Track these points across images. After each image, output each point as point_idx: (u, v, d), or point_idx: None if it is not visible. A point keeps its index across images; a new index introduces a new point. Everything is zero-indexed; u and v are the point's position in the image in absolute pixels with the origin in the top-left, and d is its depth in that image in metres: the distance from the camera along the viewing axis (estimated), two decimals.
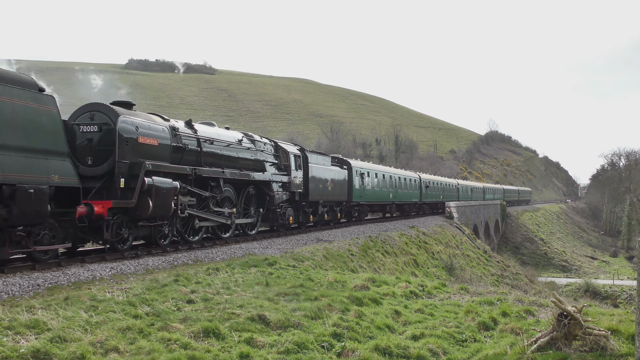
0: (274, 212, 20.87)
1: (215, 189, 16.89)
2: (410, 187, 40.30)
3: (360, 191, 29.72)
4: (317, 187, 24.09)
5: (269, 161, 20.62)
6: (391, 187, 35.78)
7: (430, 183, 45.59)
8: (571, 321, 7.14)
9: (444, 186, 51.26)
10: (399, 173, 39.01)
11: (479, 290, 13.27)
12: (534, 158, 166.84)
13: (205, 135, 16.81)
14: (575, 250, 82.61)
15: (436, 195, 47.97)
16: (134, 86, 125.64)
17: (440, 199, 49.08)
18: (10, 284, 9.72)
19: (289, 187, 21.58)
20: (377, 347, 7.83)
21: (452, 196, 53.12)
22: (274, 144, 21.92)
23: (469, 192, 61.35)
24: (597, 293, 46.37)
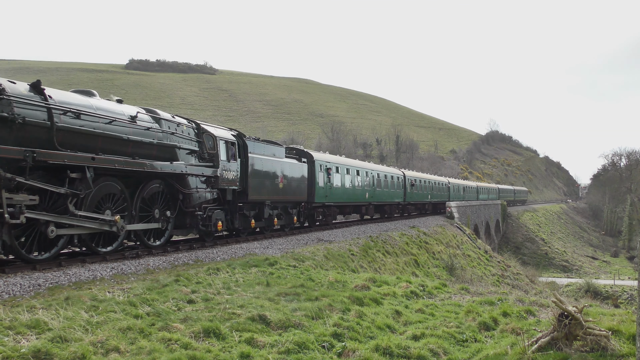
0: (192, 215, 16.08)
1: (78, 182, 12.03)
2: (392, 186, 35.92)
3: (326, 190, 25.40)
4: (262, 183, 19.68)
5: (184, 148, 15.69)
6: (368, 185, 31.38)
7: (416, 181, 41.20)
8: (572, 321, 7.14)
9: (433, 185, 47.00)
10: (378, 169, 34.51)
11: (479, 291, 13.27)
12: (535, 158, 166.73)
13: (64, 105, 11.86)
14: (576, 250, 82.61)
15: (423, 195, 43.76)
16: (135, 86, 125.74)
17: (428, 199, 45.37)
18: (11, 283, 9.73)
19: (216, 182, 16.93)
20: (377, 347, 7.84)
21: (442, 196, 49.72)
22: (196, 126, 17.00)
23: (461, 192, 57.70)
24: (598, 293, 46.35)
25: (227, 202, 17.96)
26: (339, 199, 27.26)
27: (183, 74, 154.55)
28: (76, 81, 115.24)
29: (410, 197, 40.00)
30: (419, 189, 41.96)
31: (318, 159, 24.84)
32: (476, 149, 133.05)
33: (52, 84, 13.96)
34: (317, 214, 25.84)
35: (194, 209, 15.97)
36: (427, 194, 44.48)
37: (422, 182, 43.24)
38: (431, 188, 46.05)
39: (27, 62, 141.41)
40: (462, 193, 57.34)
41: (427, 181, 45.13)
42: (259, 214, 20.11)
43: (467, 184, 63.60)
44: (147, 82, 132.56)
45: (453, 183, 54.99)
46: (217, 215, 17.06)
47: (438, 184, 48.92)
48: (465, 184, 61.81)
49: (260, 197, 19.61)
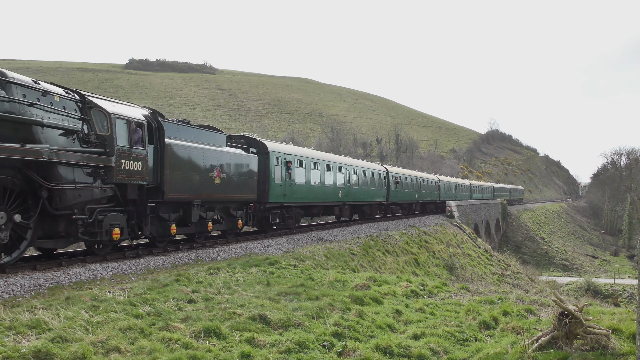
0: (68, 220, 11.85)
1: None
2: (372, 183, 31.94)
3: (285, 187, 21.36)
4: (188, 178, 15.35)
5: (54, 126, 11.44)
6: (342, 182, 27.29)
7: (401, 178, 37.21)
8: (572, 320, 7.14)
9: (421, 183, 42.92)
10: (354, 164, 30.19)
11: (479, 290, 13.27)
12: (535, 157, 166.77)
13: None
14: (576, 249, 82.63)
15: (409, 194, 39.60)
16: (135, 86, 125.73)
17: (416, 198, 41.26)
18: (11, 283, 9.73)
19: (110, 175, 12.67)
20: (378, 346, 7.84)
21: (431, 195, 45.94)
22: (80, 99, 12.83)
23: (453, 190, 53.88)
24: (598, 292, 46.38)
25: (131, 202, 13.62)
26: (302, 199, 23.00)
27: (183, 74, 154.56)
28: (76, 81, 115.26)
29: (395, 196, 36.07)
30: (404, 187, 38.08)
31: (274, 150, 20.78)
32: (476, 148, 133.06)
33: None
34: (272, 217, 21.30)
35: (70, 211, 11.62)
36: (414, 193, 40.56)
37: (408, 179, 39.22)
38: (419, 186, 42.01)
39: (27, 62, 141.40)
40: (454, 192, 53.82)
41: (414, 179, 41.05)
42: (185, 217, 15.85)
43: (460, 182, 59.55)
44: (147, 82, 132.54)
45: (444, 181, 51.37)
46: (111, 220, 12.73)
47: (427, 182, 44.85)
48: (457, 182, 57.77)
49: (184, 195, 15.27)
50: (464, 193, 58.73)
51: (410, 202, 41.12)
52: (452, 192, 52.88)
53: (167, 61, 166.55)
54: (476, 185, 67.59)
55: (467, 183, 61.89)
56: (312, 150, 26.53)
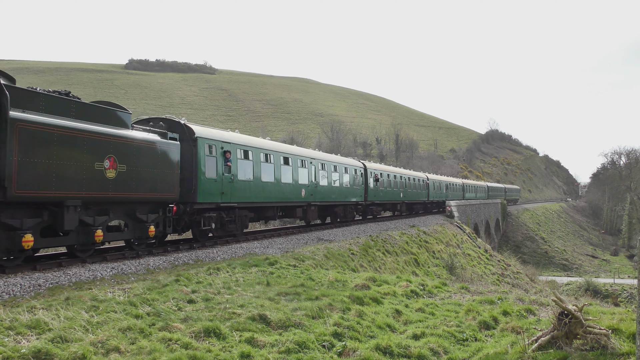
0: None
1: None
2: (346, 181, 27.81)
3: (223, 184, 17.26)
4: (54, 168, 11.45)
5: None
6: (305, 179, 23.29)
7: (382, 175, 33.42)
8: (572, 320, 7.14)
9: (406, 181, 38.77)
10: (321, 158, 25.75)
11: (479, 290, 13.27)
12: (535, 157, 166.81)
13: None
14: (575, 249, 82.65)
15: (392, 194, 35.23)
16: (134, 86, 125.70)
17: (400, 198, 36.80)
18: (11, 284, 9.73)
19: None
20: (378, 346, 7.84)
21: (418, 194, 42.08)
22: None
23: (443, 190, 50.25)
24: (598, 292, 46.39)
25: None
26: (249, 198, 18.92)
27: (183, 74, 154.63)
28: (76, 81, 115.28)
29: (375, 195, 31.91)
30: (386, 186, 34.03)
31: (205, 137, 16.72)
32: (476, 148, 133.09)
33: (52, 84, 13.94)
34: (206, 221, 17.04)
35: None
36: (398, 192, 36.18)
37: (391, 177, 34.90)
38: (404, 185, 37.70)
39: (27, 63, 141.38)
40: (444, 191, 50.21)
41: (398, 176, 36.75)
42: (57, 223, 11.77)
43: (451, 181, 55.25)
44: (147, 82, 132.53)
45: (433, 180, 47.24)
46: None
47: (413, 181, 40.53)
48: (448, 180, 53.71)
49: (49, 192, 11.20)
50: (456, 193, 55.32)
51: (394, 203, 36.66)
52: (442, 192, 49.34)
53: (167, 61, 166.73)
54: (469, 184, 63.83)
55: (459, 182, 57.98)
56: (259, 139, 21.32)
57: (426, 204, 45.81)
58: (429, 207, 47.24)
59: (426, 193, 44.14)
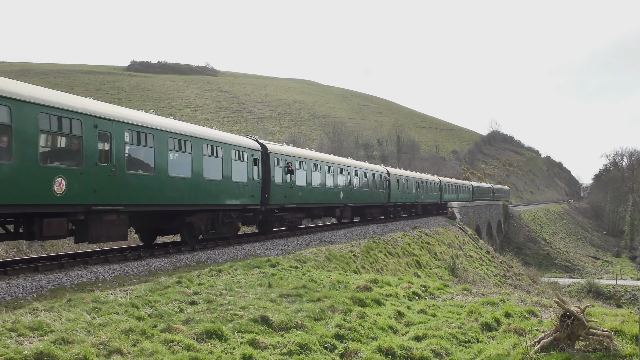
0: None
1: None
2: (228, 173, 17.87)
3: None
4: None
5: None
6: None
7: (304, 165, 23.39)
8: (574, 321, 7.13)
9: (352, 175, 28.67)
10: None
11: (481, 291, 13.26)
12: (537, 158, 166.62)
13: None
14: (578, 250, 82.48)
15: (330, 194, 25.54)
16: (136, 88, 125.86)
17: (340, 200, 26.67)
18: (13, 285, 9.74)
19: None
20: (380, 348, 7.83)
21: (375, 196, 32.08)
22: None
23: (412, 189, 40.42)
24: (600, 293, 46.32)
25: None
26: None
27: (184, 76, 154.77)
28: (78, 83, 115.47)
29: (295, 196, 22.13)
30: (309, 181, 23.56)
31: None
32: (478, 150, 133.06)
33: (55, 86, 13.89)
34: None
35: None
36: (337, 192, 26.35)
37: (320, 168, 24.58)
38: (346, 181, 27.54)
39: (29, 65, 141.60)
40: (413, 191, 40.64)
41: (338, 168, 26.59)
42: None
43: (425, 178, 46.00)
44: (149, 84, 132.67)
45: (396, 175, 36.70)
46: None
47: (366, 175, 30.78)
48: (421, 178, 44.13)
49: None
50: (431, 193, 46.48)
51: (333, 207, 26.88)
52: (410, 192, 39.86)
53: (169, 63, 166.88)
54: (449, 183, 54.55)
55: (435, 180, 49.00)
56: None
57: (386, 207, 35.70)
58: (389, 211, 36.82)
59: (385, 194, 34.10)
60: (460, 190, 58.08)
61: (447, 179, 55.86)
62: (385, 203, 34.58)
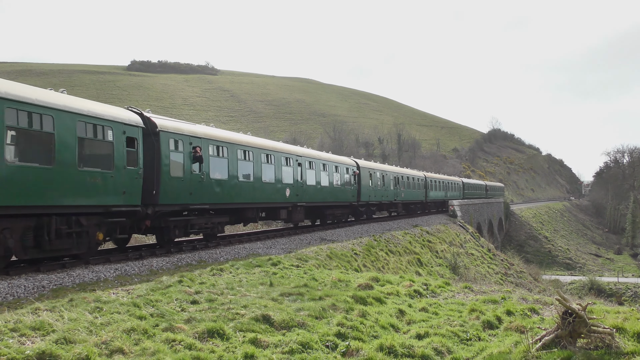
0: None
1: None
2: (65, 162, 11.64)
3: None
4: None
5: None
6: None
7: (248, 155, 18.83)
8: (576, 319, 7.12)
9: (305, 169, 23.23)
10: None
11: (483, 289, 13.25)
12: (537, 156, 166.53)
13: None
14: (579, 247, 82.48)
15: (270, 192, 20.20)
16: (137, 87, 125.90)
17: (287, 199, 21.30)
18: (15, 285, 9.75)
19: None
20: (381, 346, 7.83)
21: (339, 194, 26.64)
22: None
23: (390, 186, 34.43)
24: (602, 291, 46.30)
25: None
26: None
27: (185, 75, 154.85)
28: (79, 83, 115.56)
29: (197, 192, 16.14)
30: (234, 173, 17.83)
31: None
32: (478, 147, 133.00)
33: (55, 86, 13.84)
34: None
35: None
36: (283, 189, 20.92)
37: (253, 157, 18.99)
38: (296, 175, 22.22)
39: (30, 65, 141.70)
40: (391, 187, 34.73)
41: (282, 158, 21.11)
42: None
43: (406, 173, 39.80)
44: (149, 84, 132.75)
45: (368, 168, 31.09)
46: None
47: (326, 168, 25.38)
48: (401, 173, 38.06)
49: None
50: (415, 190, 40.71)
51: (275, 207, 21.14)
52: (387, 189, 34.02)
53: (169, 62, 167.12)
54: (437, 179, 48.57)
55: (419, 176, 42.98)
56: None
57: (355, 206, 30.11)
58: (359, 212, 31.30)
59: (354, 190, 28.97)
60: (449, 188, 52.56)
61: (434, 175, 49.86)
62: (353, 202, 28.84)
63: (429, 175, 46.10)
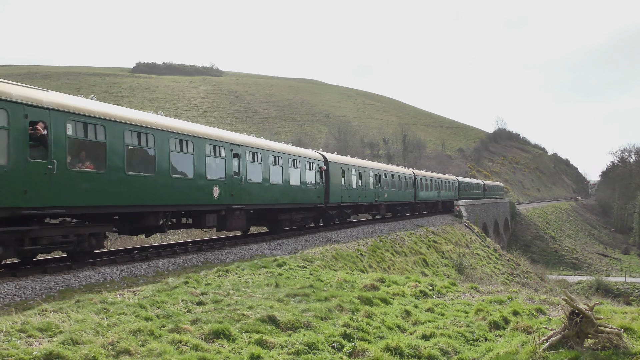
0: None
1: None
2: None
3: None
4: None
5: None
6: None
7: (131, 137, 13.27)
8: (583, 319, 7.09)
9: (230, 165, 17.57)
10: None
11: (489, 289, 13.21)
12: (543, 155, 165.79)
13: None
14: (586, 247, 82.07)
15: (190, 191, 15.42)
16: (142, 89, 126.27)
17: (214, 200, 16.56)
18: (22, 287, 9.80)
19: None
20: (387, 347, 7.82)
21: (298, 194, 22.19)
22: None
23: (370, 185, 30.13)
24: (609, 291, 46.06)
25: None
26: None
27: (190, 77, 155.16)
28: (84, 85, 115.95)
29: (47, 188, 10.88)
30: (120, 164, 12.71)
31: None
32: (484, 147, 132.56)
33: (61, 89, 13.91)
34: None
35: None
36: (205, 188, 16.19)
37: (156, 142, 13.98)
38: (229, 169, 17.54)
39: (35, 67, 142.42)
40: (372, 187, 30.18)
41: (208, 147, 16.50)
42: None
43: (390, 169, 35.05)
44: (154, 85, 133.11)
45: (340, 163, 26.87)
46: None
47: (278, 162, 20.93)
48: (382, 169, 33.19)
49: None
50: (401, 190, 35.77)
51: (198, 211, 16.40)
52: (367, 189, 29.65)
53: (174, 64, 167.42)
54: (428, 178, 43.47)
55: (407, 174, 37.99)
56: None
57: (321, 209, 25.35)
58: (329, 216, 26.33)
59: (321, 189, 24.34)
60: (442, 187, 47.03)
61: (425, 173, 44.24)
62: (319, 204, 24.07)
63: (419, 174, 41.33)
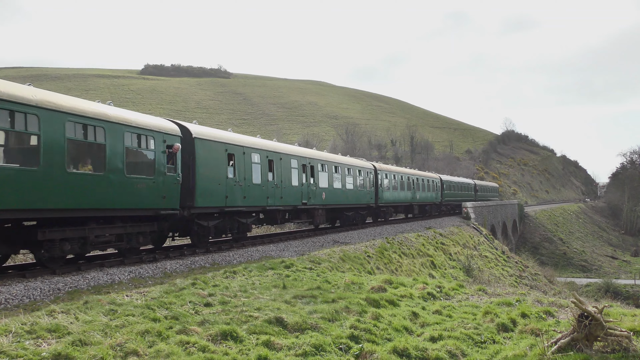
0: None
1: None
2: None
3: None
4: None
5: None
6: None
7: None
8: (592, 322, 7.04)
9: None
10: None
11: (497, 291, 13.16)
12: (552, 157, 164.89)
13: None
14: (595, 249, 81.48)
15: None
16: (150, 91, 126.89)
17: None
18: (31, 288, 9.86)
19: None
20: (395, 349, 7.80)
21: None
22: None
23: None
24: (619, 293, 45.65)
25: None
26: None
27: (198, 78, 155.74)
28: (93, 87, 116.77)
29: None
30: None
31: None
32: (492, 149, 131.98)
33: (70, 91, 14.02)
34: None
35: None
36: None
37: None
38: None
39: (45, 69, 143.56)
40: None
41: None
42: None
43: (337, 160, 26.99)
44: (163, 87, 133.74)
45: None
46: None
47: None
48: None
49: None
50: (359, 190, 28.66)
51: None
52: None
53: (182, 66, 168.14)
54: (398, 174, 35.63)
55: (367, 167, 30.64)
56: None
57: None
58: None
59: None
60: (419, 187, 39.35)
61: (392, 167, 37.25)
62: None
63: (384, 168, 33.49)
